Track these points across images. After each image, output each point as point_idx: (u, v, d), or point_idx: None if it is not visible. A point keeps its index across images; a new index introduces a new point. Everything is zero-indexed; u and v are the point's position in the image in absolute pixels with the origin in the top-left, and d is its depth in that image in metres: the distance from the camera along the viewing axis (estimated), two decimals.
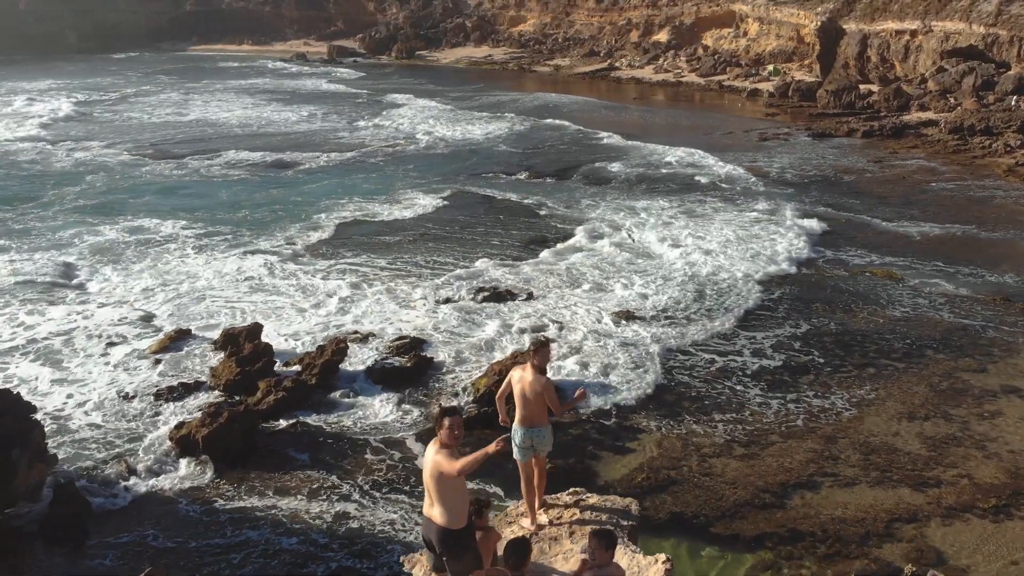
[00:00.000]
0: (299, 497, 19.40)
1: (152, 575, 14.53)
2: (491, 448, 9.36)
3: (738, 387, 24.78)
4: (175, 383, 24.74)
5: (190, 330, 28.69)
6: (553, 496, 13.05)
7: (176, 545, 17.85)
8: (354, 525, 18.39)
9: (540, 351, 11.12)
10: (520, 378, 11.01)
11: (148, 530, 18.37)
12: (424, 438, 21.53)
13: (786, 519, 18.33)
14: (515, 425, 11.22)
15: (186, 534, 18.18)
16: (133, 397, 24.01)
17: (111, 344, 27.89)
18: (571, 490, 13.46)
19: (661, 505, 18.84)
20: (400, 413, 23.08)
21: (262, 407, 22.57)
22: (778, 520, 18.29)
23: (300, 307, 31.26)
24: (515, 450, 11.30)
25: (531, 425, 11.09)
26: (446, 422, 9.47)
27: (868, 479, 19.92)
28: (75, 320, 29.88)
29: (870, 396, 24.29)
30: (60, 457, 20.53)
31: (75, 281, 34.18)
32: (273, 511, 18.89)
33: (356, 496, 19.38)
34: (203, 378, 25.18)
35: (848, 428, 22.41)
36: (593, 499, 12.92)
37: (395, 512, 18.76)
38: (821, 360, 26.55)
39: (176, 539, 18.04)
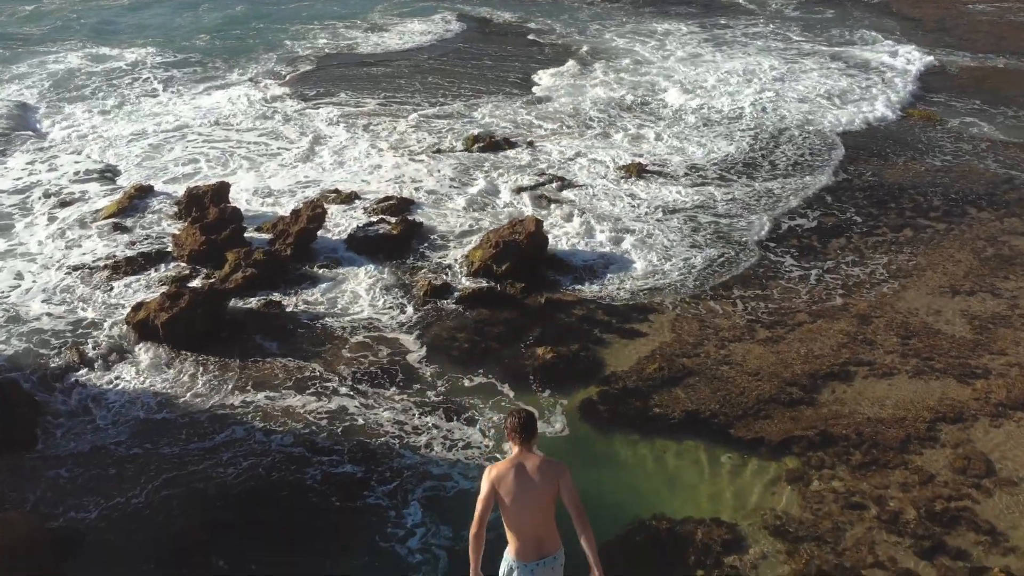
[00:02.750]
0: (284, 392, 17.27)
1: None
2: None
3: (762, 255, 22.27)
4: (134, 253, 22.19)
5: (152, 187, 25.83)
6: None
7: (143, 452, 15.88)
8: (351, 424, 16.33)
9: (526, 426, 7.08)
10: (507, 478, 6.86)
11: (110, 433, 16.38)
12: (414, 330, 19.30)
13: (816, 419, 16.34)
14: (508, 559, 7.19)
15: (154, 437, 16.20)
16: (86, 271, 21.48)
17: (64, 204, 25.10)
18: None
19: (675, 402, 16.81)
20: (385, 293, 20.65)
21: (230, 285, 20.13)
22: (807, 420, 16.31)
23: (275, 155, 28.20)
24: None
25: (539, 555, 6.95)
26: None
27: (907, 368, 17.81)
28: (30, 175, 26.93)
29: (908, 265, 21.86)
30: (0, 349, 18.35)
31: (32, 124, 30.85)
32: (254, 409, 16.81)
33: (346, 391, 17.27)
34: (166, 246, 22.60)
35: (884, 305, 20.10)
36: None
37: (394, 411, 16.68)
38: (856, 219, 23.90)
39: (144, 444, 16.05)
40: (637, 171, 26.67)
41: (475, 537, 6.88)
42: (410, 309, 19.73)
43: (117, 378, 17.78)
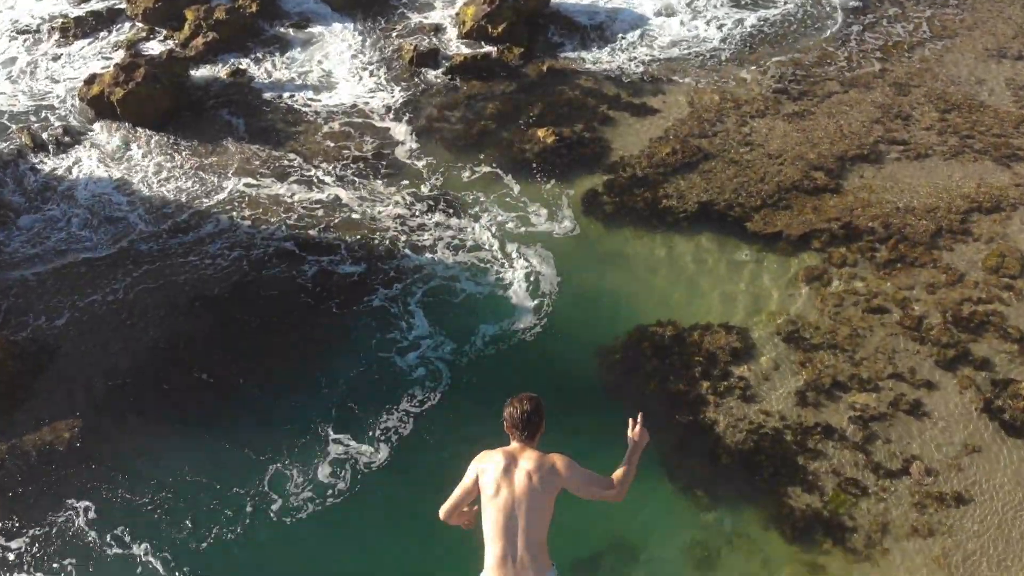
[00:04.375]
0: (265, 179, 15.75)
1: None
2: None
3: (799, 5, 19.69)
4: (84, 13, 19.53)
5: None
6: None
7: (117, 249, 14.77)
8: (348, 219, 15.00)
9: (529, 420, 5.41)
10: (498, 472, 5.35)
11: (76, 228, 15.09)
12: (402, 114, 17.29)
13: (841, 208, 15.01)
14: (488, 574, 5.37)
15: (127, 231, 14.97)
16: (31, 37, 18.99)
17: None
18: None
19: (688, 192, 15.38)
20: (363, 70, 18.32)
21: (190, 52, 17.84)
22: (830, 210, 14.99)
23: None
24: None
25: (520, 570, 5.32)
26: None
27: (944, 149, 16.18)
28: None
29: (955, 23, 19.38)
30: None
31: None
32: (238, 197, 15.38)
33: (331, 181, 15.75)
34: (119, 2, 19.88)
35: (924, 72, 18.01)
36: None
37: (393, 206, 15.27)
38: None
39: (117, 240, 14.90)
40: None
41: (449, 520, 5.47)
42: (397, 91, 17.57)
43: (76, 164, 16.17)
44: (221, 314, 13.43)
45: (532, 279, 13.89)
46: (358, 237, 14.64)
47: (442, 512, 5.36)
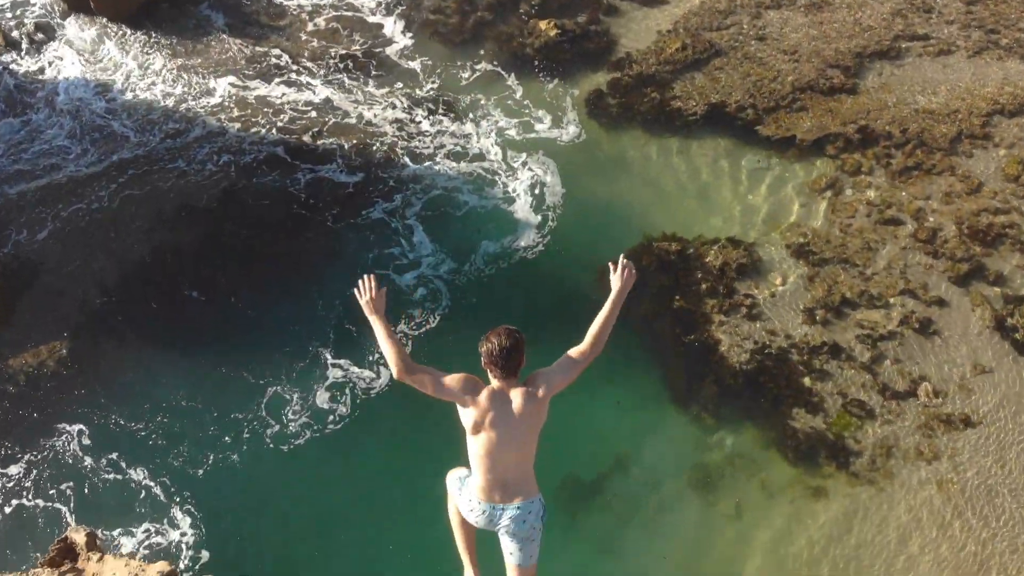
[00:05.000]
0: (250, 80, 14.90)
1: None
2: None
3: None
4: None
5: None
6: None
7: (98, 155, 14.07)
8: (342, 123, 14.25)
9: (510, 355, 4.94)
10: (485, 404, 4.98)
11: (56, 136, 14.35)
12: (392, 8, 16.18)
13: (856, 111, 14.26)
14: (469, 493, 5.21)
15: (109, 136, 14.23)
16: None
17: None
18: None
19: (697, 92, 14.57)
20: None
21: None
22: (846, 112, 14.25)
23: None
24: (461, 503, 5.37)
25: (506, 499, 5.06)
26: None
27: (968, 44, 15.25)
28: None
29: None
30: None
31: None
32: (226, 98, 14.57)
33: (320, 83, 14.90)
34: None
35: None
36: None
37: (390, 109, 14.49)
38: None
39: (100, 147, 14.14)
40: None
41: (404, 379, 4.99)
42: None
43: (53, 64, 15.25)
44: (209, 226, 12.93)
45: (536, 192, 13.31)
46: (354, 143, 13.95)
47: (396, 369, 4.95)
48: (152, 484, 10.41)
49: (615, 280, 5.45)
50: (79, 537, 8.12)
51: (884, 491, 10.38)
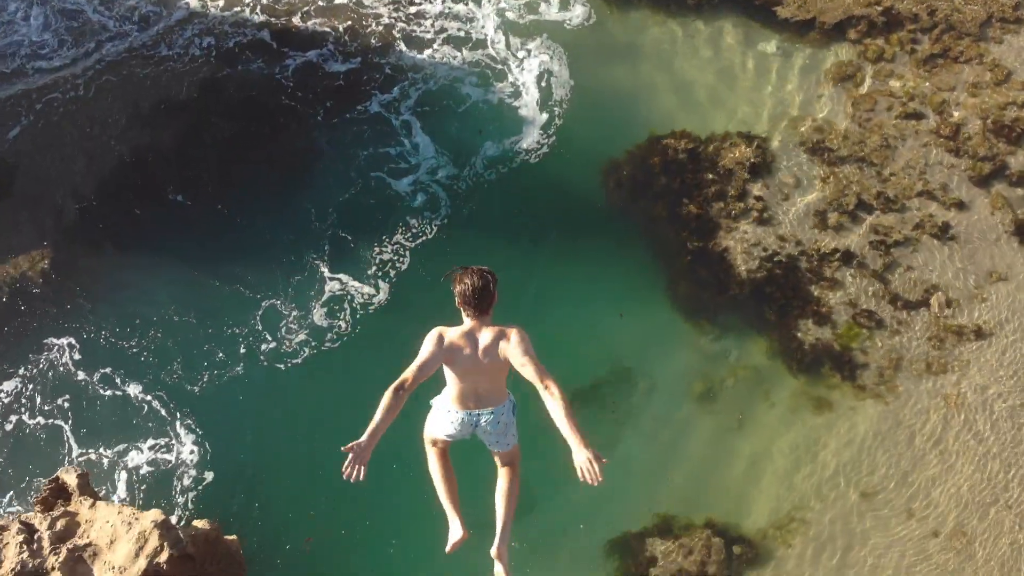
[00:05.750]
0: None
1: None
2: None
3: None
4: None
5: None
6: None
7: (72, 39, 13.08)
8: (333, 4, 13.18)
9: (481, 294, 5.21)
10: (456, 352, 5.22)
11: (34, 38, 13.28)
12: None
13: None
14: (447, 404, 5.51)
15: (81, 25, 13.19)
16: None
17: None
18: None
19: None
20: None
21: None
22: None
23: None
24: (437, 427, 5.66)
25: (480, 405, 5.43)
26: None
27: None
28: None
29: None
30: None
31: None
32: None
33: None
34: None
35: None
36: None
37: None
38: None
39: (77, 37, 13.12)
40: None
41: (393, 392, 4.98)
42: None
43: None
44: (190, 120, 12.20)
45: (543, 84, 12.44)
46: (348, 24, 12.96)
47: (396, 381, 5.02)
48: (150, 400, 10.26)
49: (582, 460, 4.93)
50: (70, 479, 8.04)
51: (889, 404, 10.30)
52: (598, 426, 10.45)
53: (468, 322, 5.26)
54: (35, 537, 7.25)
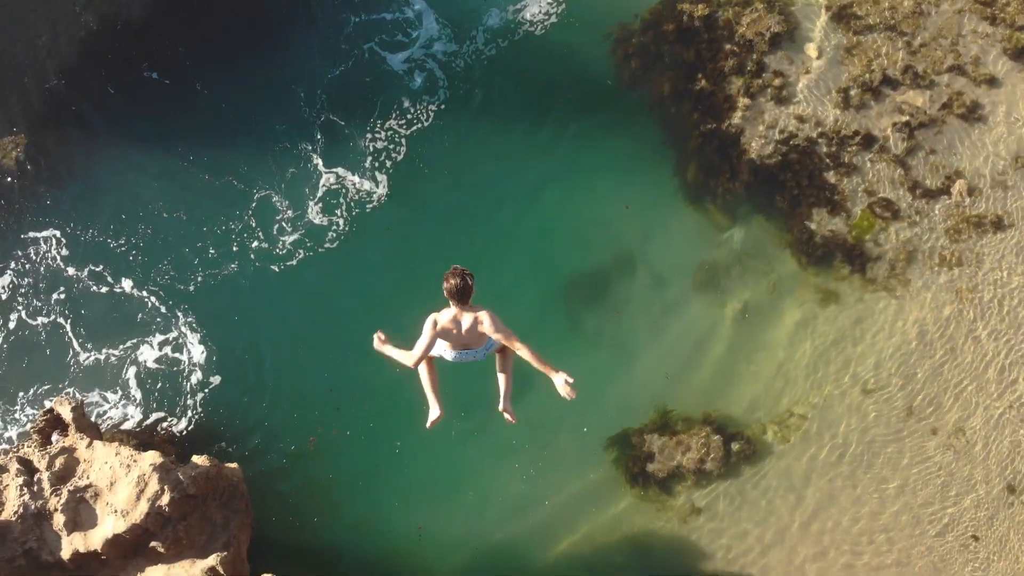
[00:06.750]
0: None
1: None
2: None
3: None
4: None
5: None
6: None
7: None
8: None
9: (463, 290, 6.84)
10: (448, 333, 7.02)
11: None
12: None
13: None
14: (444, 349, 7.25)
15: None
16: None
17: None
18: None
19: None
20: None
21: None
22: None
23: None
24: (434, 350, 7.30)
25: (470, 346, 7.23)
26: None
27: None
28: None
29: None
30: None
31: None
32: None
33: None
34: None
35: None
36: None
37: None
38: None
39: None
40: None
41: (416, 368, 7.01)
42: None
43: None
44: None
45: None
46: None
47: (413, 361, 6.86)
48: (146, 294, 9.99)
49: (560, 383, 6.68)
50: (65, 410, 7.93)
51: (898, 298, 10.11)
52: (603, 317, 10.32)
53: (453, 308, 6.89)
54: (35, 479, 7.24)
